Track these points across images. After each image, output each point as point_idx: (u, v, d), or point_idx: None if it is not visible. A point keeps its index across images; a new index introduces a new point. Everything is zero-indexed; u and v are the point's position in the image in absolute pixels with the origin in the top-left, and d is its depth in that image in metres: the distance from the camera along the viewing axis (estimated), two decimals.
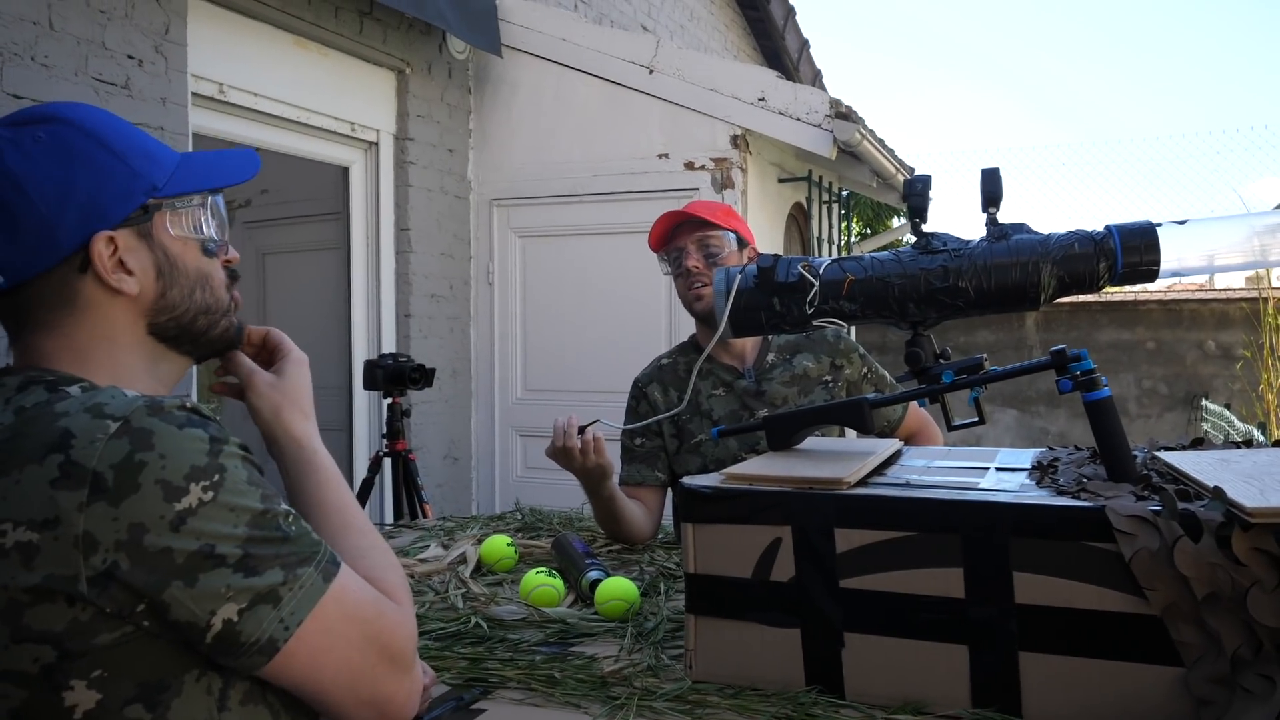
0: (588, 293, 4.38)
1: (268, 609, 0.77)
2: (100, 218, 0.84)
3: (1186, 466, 1.11)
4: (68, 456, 0.73)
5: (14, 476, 0.74)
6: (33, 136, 0.83)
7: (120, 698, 0.75)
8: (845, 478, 1.14)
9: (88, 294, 0.85)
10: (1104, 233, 1.22)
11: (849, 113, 4.01)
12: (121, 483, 0.73)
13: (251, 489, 0.79)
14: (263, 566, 0.77)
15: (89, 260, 0.84)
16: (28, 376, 0.83)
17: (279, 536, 0.79)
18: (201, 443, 0.77)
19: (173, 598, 0.74)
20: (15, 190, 0.81)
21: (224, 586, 0.75)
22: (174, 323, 0.91)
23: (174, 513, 0.74)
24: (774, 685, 1.12)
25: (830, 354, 2.02)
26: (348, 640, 0.81)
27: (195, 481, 0.75)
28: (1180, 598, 0.91)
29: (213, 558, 0.75)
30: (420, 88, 4.14)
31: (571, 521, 2.17)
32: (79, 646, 0.73)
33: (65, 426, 0.75)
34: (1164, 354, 8.06)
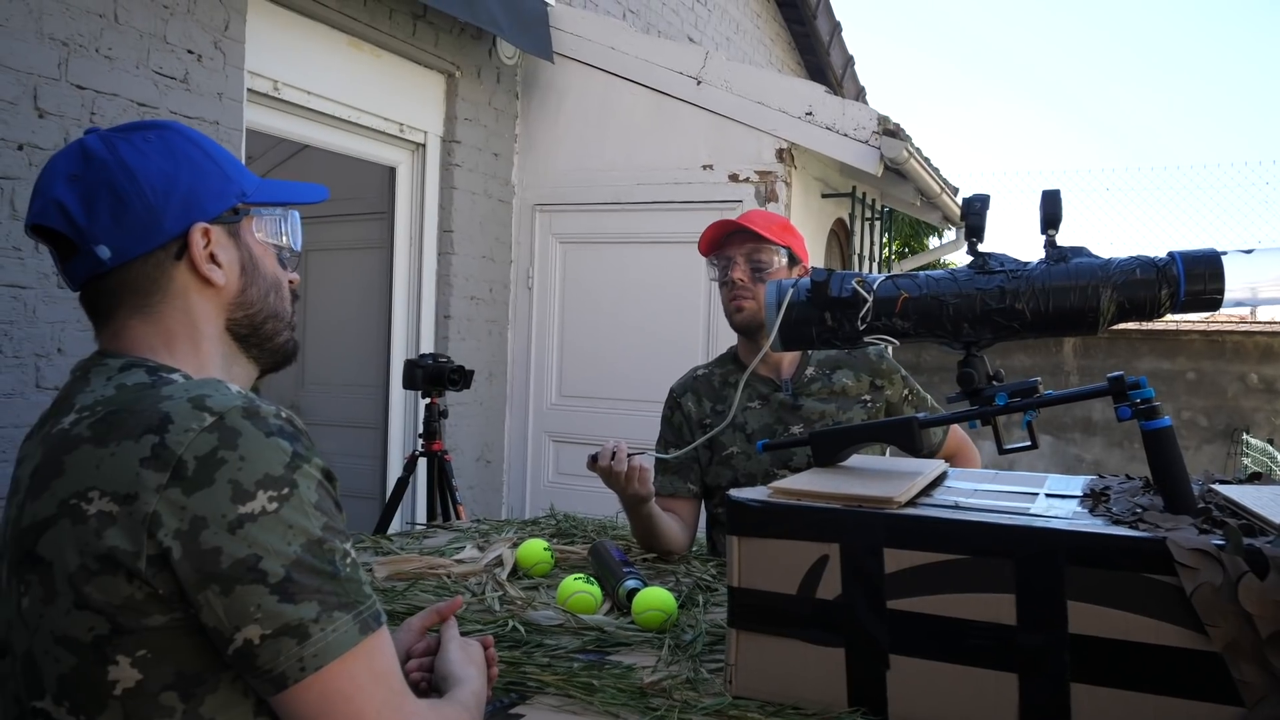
0: (626, 301, 4.38)
1: (290, 643, 0.76)
2: (199, 210, 0.91)
3: (1248, 501, 1.09)
4: (162, 439, 0.77)
5: (111, 449, 0.78)
6: (143, 137, 0.91)
7: (159, 682, 0.77)
8: (896, 497, 1.12)
9: (180, 281, 0.91)
10: (1167, 259, 1.20)
11: (897, 130, 3.99)
12: (199, 474, 0.76)
13: (316, 514, 0.80)
14: (300, 596, 0.77)
15: (186, 247, 0.91)
16: (130, 360, 0.88)
17: (327, 571, 0.79)
18: (283, 454, 0.79)
19: (206, 600, 0.76)
20: (129, 178, 0.88)
21: (254, 606, 0.75)
22: (248, 320, 0.96)
23: (236, 514, 0.76)
24: (816, 705, 1.11)
25: (871, 373, 2.00)
26: (368, 698, 0.79)
27: (264, 489, 0.77)
28: (1243, 635, 0.89)
29: (254, 571, 0.75)
30: (469, 91, 4.18)
31: (606, 529, 2.16)
32: (130, 623, 0.76)
33: (167, 411, 0.79)
34: (1204, 385, 7.93)
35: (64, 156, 0.91)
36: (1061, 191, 1.29)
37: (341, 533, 0.82)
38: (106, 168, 0.88)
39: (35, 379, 2.47)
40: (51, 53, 2.45)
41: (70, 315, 2.52)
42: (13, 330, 2.41)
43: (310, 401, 4.65)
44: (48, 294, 2.48)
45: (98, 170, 0.88)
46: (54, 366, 2.50)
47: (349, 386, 4.47)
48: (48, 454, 0.82)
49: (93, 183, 0.88)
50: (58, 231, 0.89)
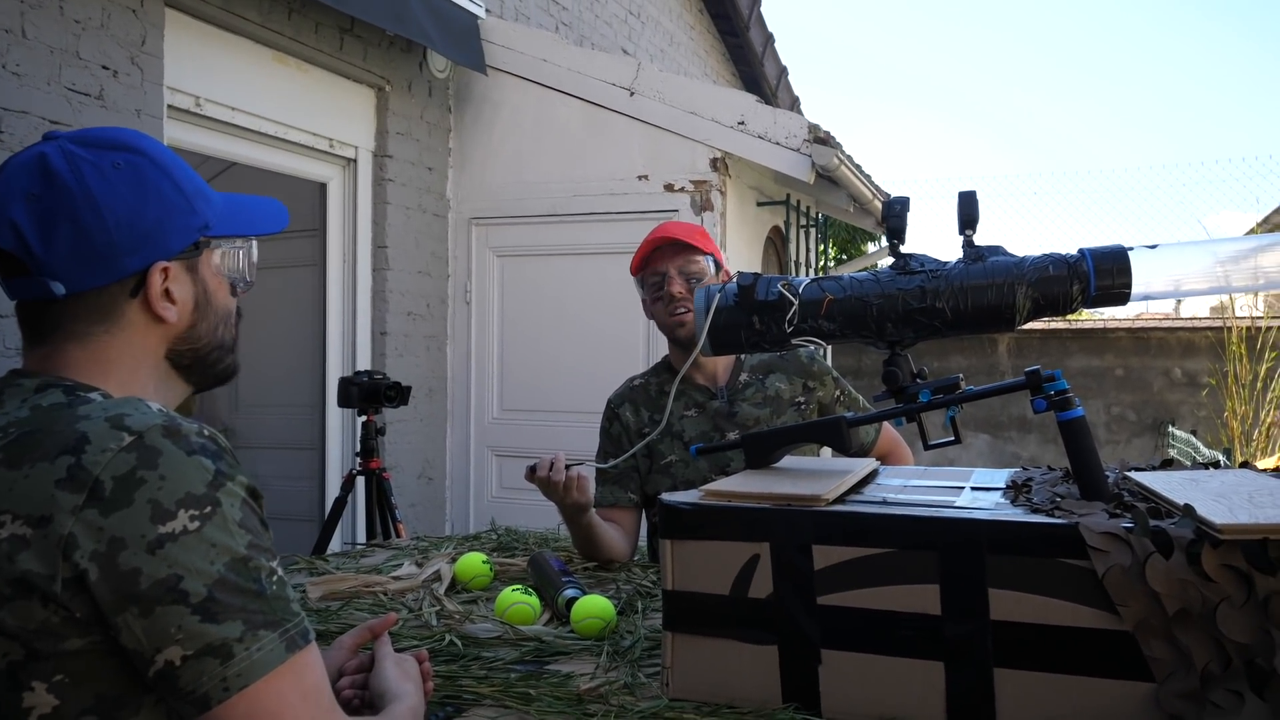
0: (566, 313, 4.38)
1: (214, 663, 0.75)
2: (162, 248, 0.89)
3: (1157, 486, 1.13)
4: (78, 460, 0.76)
5: (24, 470, 0.76)
6: (112, 162, 0.87)
7: (78, 706, 0.76)
8: (823, 494, 1.14)
9: (130, 315, 0.90)
10: (1077, 256, 1.25)
11: (827, 138, 4.06)
12: (117, 495, 0.75)
13: (241, 531, 0.78)
14: (223, 616, 0.75)
15: (142, 285, 0.89)
16: (46, 380, 0.85)
17: (253, 589, 0.77)
18: (205, 472, 0.78)
19: (125, 623, 0.74)
20: (93, 212, 0.85)
21: (175, 627, 0.74)
22: (192, 353, 0.95)
23: (155, 534, 0.75)
24: (751, 703, 1.12)
25: (803, 375, 2.03)
26: (295, 715, 0.77)
27: (185, 509, 0.76)
28: (1152, 613, 0.93)
29: (175, 591, 0.74)
30: (400, 105, 4.15)
31: (548, 541, 2.16)
32: (47, 648, 0.74)
33: (83, 431, 0.77)
34: (1132, 381, 8.17)
35: (22, 170, 0.86)
36: (987, 197, 1.33)
37: (268, 550, 0.81)
38: (70, 196, 0.84)
39: None
40: None
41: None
42: None
43: (245, 424, 4.55)
44: None
45: (59, 195, 0.84)
46: None
47: (284, 407, 4.38)
48: None
49: (53, 208, 0.84)
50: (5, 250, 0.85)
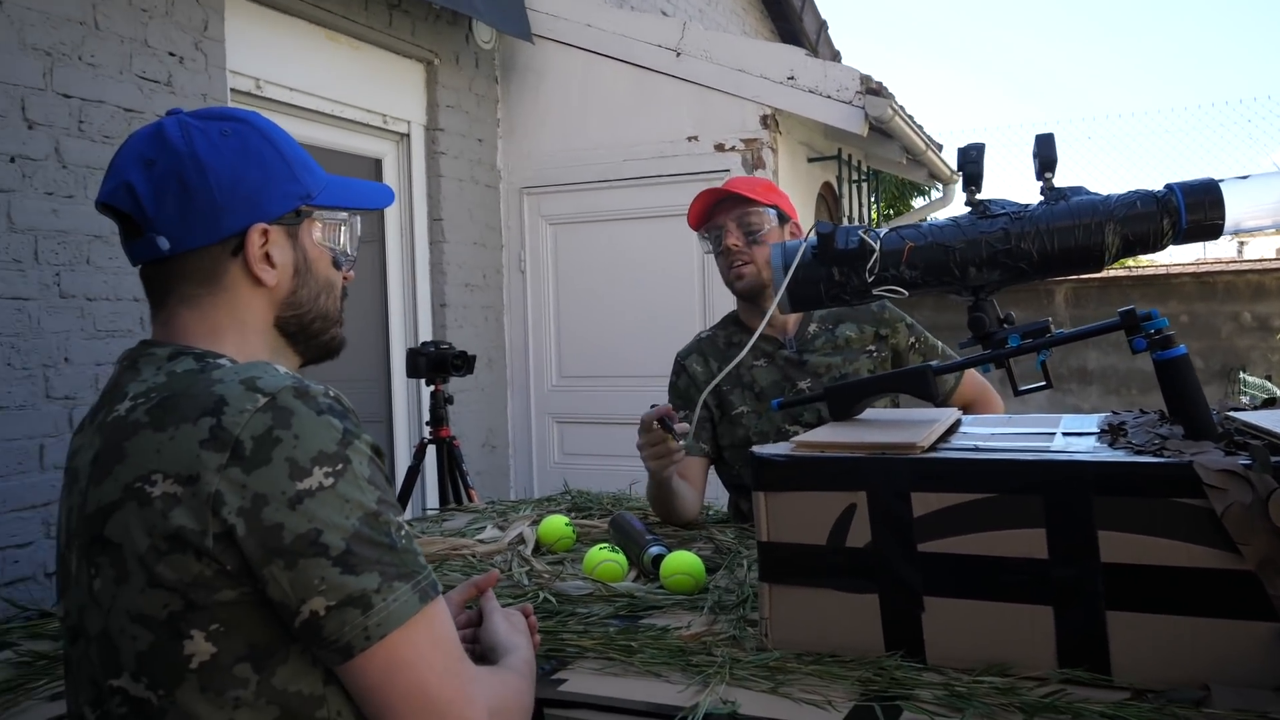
0: (620, 277, 4.38)
1: (355, 613, 0.78)
2: (262, 211, 0.93)
3: (1267, 423, 1.10)
4: (219, 421, 0.79)
5: (169, 433, 0.80)
6: (220, 130, 0.92)
7: (233, 654, 0.79)
8: (918, 442, 1.13)
9: (232, 276, 0.93)
10: (1165, 191, 1.21)
11: (880, 89, 3.98)
12: (257, 454, 0.78)
13: (370, 488, 0.82)
14: (361, 568, 0.79)
15: (242, 246, 0.93)
16: (176, 349, 0.90)
17: (385, 543, 0.81)
18: (335, 431, 0.82)
19: (271, 575, 0.78)
20: (199, 172, 0.90)
21: (319, 578, 0.78)
22: (296, 320, 0.99)
23: (295, 491, 0.78)
24: (853, 651, 1.12)
25: (874, 323, 2.00)
26: (429, 665, 0.81)
27: (320, 466, 0.79)
28: (1275, 551, 0.91)
29: (316, 545, 0.78)
30: (449, 78, 4.15)
31: (621, 502, 2.18)
32: (202, 599, 0.78)
33: (220, 394, 0.81)
34: (1198, 327, 7.95)
35: (142, 138, 0.92)
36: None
37: (394, 506, 0.84)
38: (179, 158, 0.90)
39: (45, 389, 2.47)
40: (36, 63, 2.43)
41: (74, 324, 2.52)
42: (19, 343, 2.41)
43: None
44: (50, 304, 2.47)
45: (170, 159, 0.90)
46: (62, 376, 2.49)
47: (351, 381, 4.45)
48: (107, 441, 0.84)
49: (164, 171, 0.89)
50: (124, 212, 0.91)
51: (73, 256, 2.51)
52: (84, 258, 2.54)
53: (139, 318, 2.67)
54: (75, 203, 2.51)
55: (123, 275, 2.63)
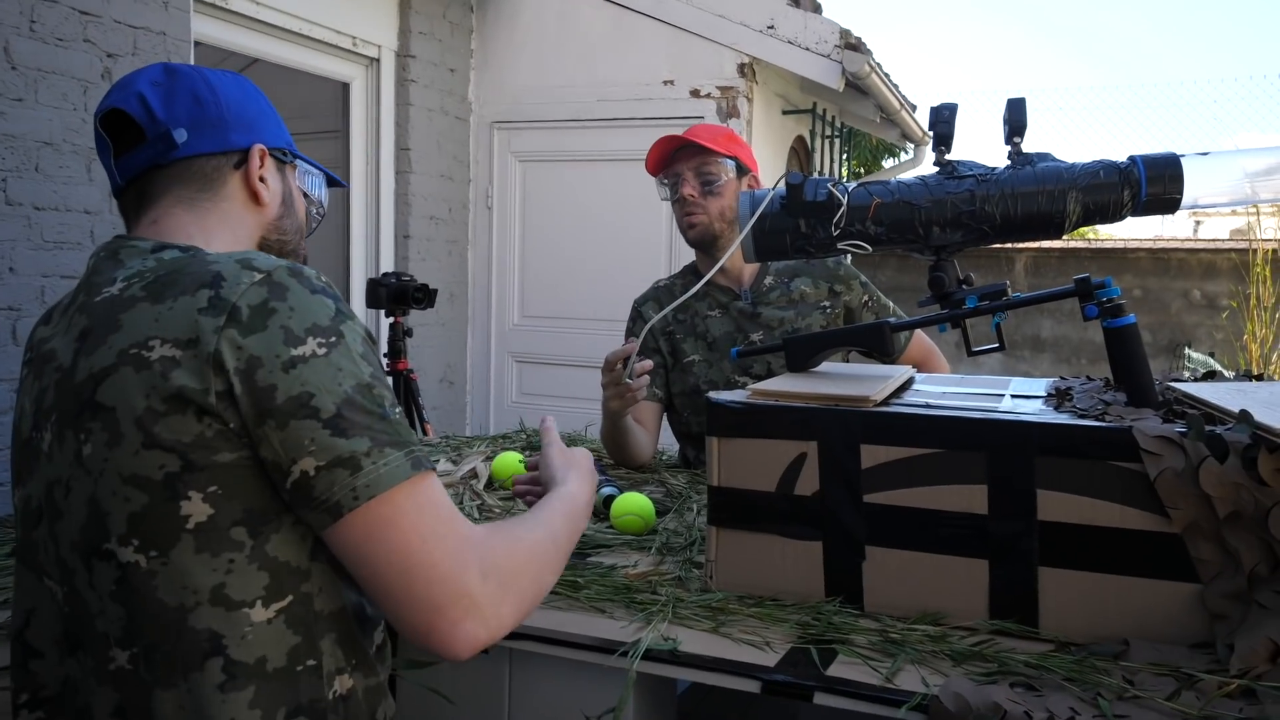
0: (587, 220, 4.34)
1: (344, 474, 0.79)
2: (260, 137, 1.03)
3: (1205, 395, 1.13)
4: (217, 292, 0.82)
5: (168, 304, 0.83)
6: (222, 70, 1.04)
7: (229, 517, 0.81)
8: (872, 395, 1.15)
9: (231, 187, 1.00)
10: (1128, 162, 1.23)
11: (858, 44, 3.95)
12: (253, 319, 0.81)
13: (363, 362, 0.84)
14: (351, 431, 0.80)
15: (245, 160, 1.01)
16: (159, 243, 0.93)
17: (377, 411, 0.82)
18: (328, 308, 0.84)
19: (264, 435, 0.80)
20: (209, 89, 0.99)
21: (309, 439, 0.79)
22: (279, 246, 1.05)
23: (289, 355, 0.80)
24: (793, 596, 1.15)
25: (829, 279, 2.02)
26: (415, 528, 0.81)
27: (313, 336, 0.82)
28: (1202, 516, 0.94)
29: (307, 407, 0.79)
30: (423, 4, 4.04)
31: (576, 442, 2.19)
32: (201, 460, 0.80)
33: (218, 270, 0.84)
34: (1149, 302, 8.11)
35: (146, 70, 1.00)
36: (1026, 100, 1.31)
37: (387, 385, 0.86)
38: (190, 78, 0.98)
39: None
40: None
41: (20, 234, 2.44)
42: None
43: None
44: None
45: (181, 80, 0.98)
46: (5, 286, 2.43)
47: None
48: (98, 317, 0.85)
49: (174, 88, 0.97)
50: (129, 122, 0.96)
51: (20, 163, 2.43)
52: (33, 164, 2.46)
53: (89, 230, 2.61)
54: (25, 106, 2.43)
55: (73, 185, 2.56)
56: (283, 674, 0.84)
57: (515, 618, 0.86)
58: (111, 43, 2.62)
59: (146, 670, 0.82)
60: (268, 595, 0.83)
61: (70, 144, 2.54)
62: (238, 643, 0.82)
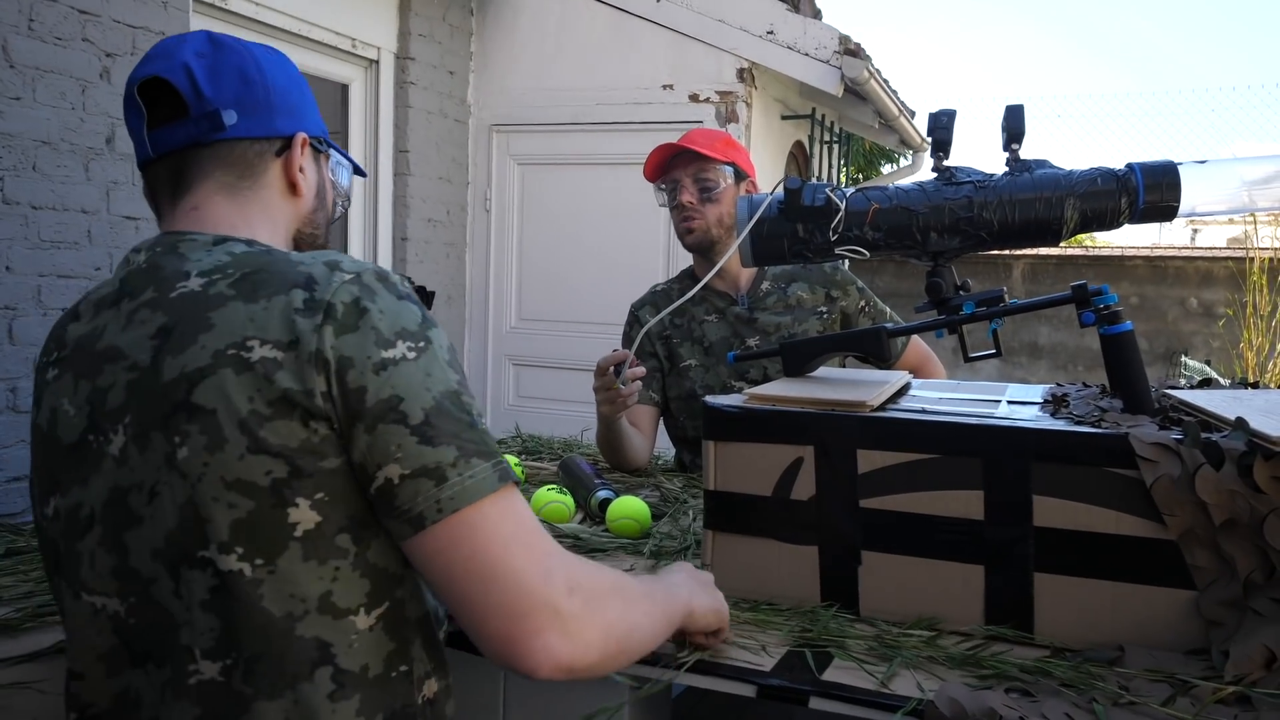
0: (586, 223, 4.35)
1: (429, 484, 0.77)
2: (304, 125, 0.99)
3: (1201, 402, 1.14)
4: (311, 293, 0.80)
5: (261, 303, 0.80)
6: (267, 48, 0.99)
7: (335, 524, 0.80)
8: (868, 401, 1.15)
9: (271, 175, 0.97)
10: (1126, 170, 1.23)
11: (857, 50, 3.96)
12: (347, 319, 0.79)
13: (451, 370, 0.82)
14: (439, 440, 0.78)
15: (287, 148, 0.97)
16: (220, 236, 0.90)
17: (465, 420, 0.80)
18: (414, 314, 0.83)
19: (353, 438, 0.78)
20: (257, 69, 0.94)
21: (395, 445, 0.77)
22: (310, 240, 1.02)
23: (379, 357, 0.79)
24: (789, 600, 1.15)
25: (825, 284, 2.02)
26: (501, 538, 0.78)
27: (403, 340, 0.80)
28: (1198, 523, 0.94)
29: (395, 411, 0.78)
30: (422, 6, 4.05)
31: (572, 447, 2.19)
32: (309, 466, 0.78)
33: (308, 272, 0.82)
34: (1146, 309, 8.13)
35: (189, 38, 0.94)
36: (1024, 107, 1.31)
37: (471, 394, 0.84)
38: (238, 54, 0.93)
39: None
40: None
41: (17, 232, 2.44)
42: None
43: None
44: None
45: (228, 55, 0.93)
46: (2, 285, 2.42)
47: None
48: (183, 314, 0.82)
49: (221, 64, 0.92)
50: (169, 93, 0.91)
51: (18, 161, 2.43)
52: (30, 164, 2.46)
53: (86, 230, 2.60)
54: (22, 105, 2.43)
55: (70, 185, 2.56)
56: (381, 681, 0.83)
57: (602, 646, 0.81)
58: (110, 42, 2.62)
59: (245, 682, 0.79)
60: (369, 602, 0.82)
61: (68, 143, 2.54)
62: (345, 651, 0.81)
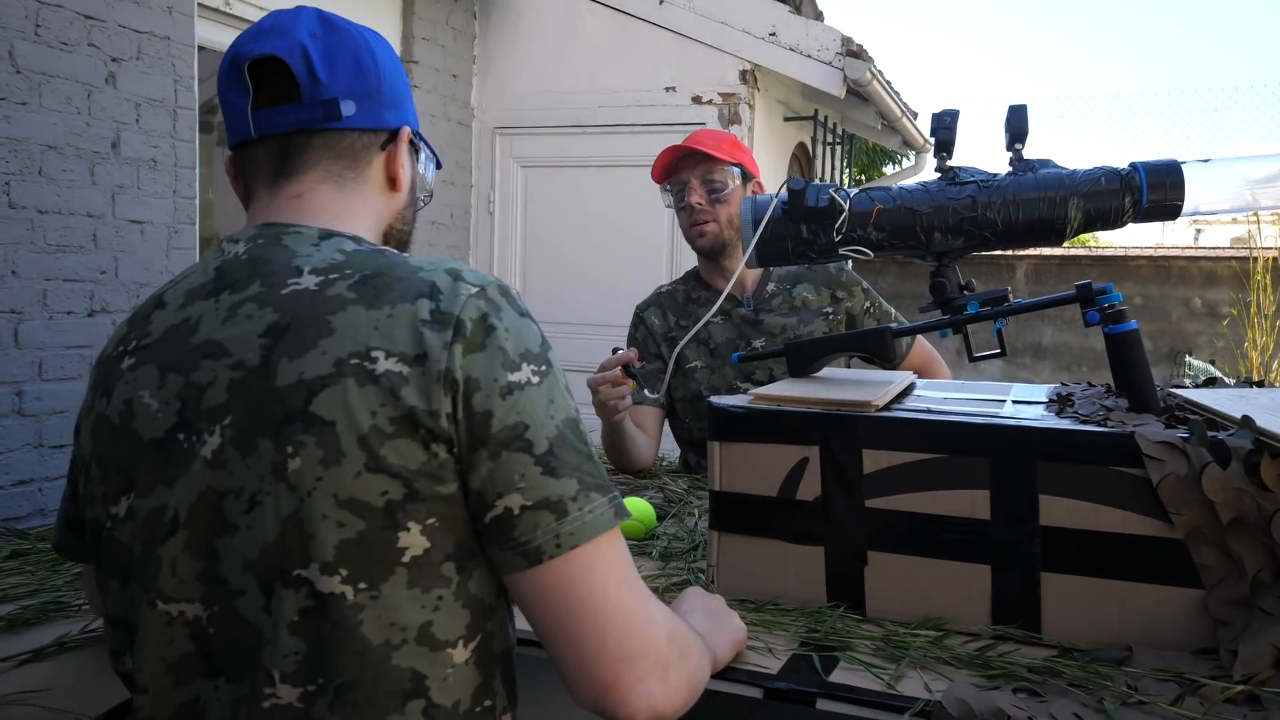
0: (589, 225, 4.35)
1: (549, 517, 0.75)
2: (408, 117, 0.95)
3: (1206, 400, 1.14)
4: (437, 305, 0.77)
5: (386, 311, 0.76)
6: (374, 32, 0.94)
7: (442, 551, 0.76)
8: (873, 400, 1.15)
9: (375, 168, 0.92)
10: (1129, 169, 1.23)
11: (860, 51, 3.96)
12: (475, 337, 0.76)
13: (569, 396, 0.80)
14: (562, 471, 0.75)
15: (393, 140, 0.93)
16: (324, 231, 0.86)
17: (585, 451, 0.78)
18: (536, 334, 0.80)
19: (475, 463, 0.75)
20: (371, 58, 0.90)
21: (519, 474, 0.74)
22: (400, 236, 0.98)
23: (506, 381, 0.76)
24: (795, 601, 1.15)
25: (830, 285, 2.02)
26: (614, 578, 0.77)
27: (527, 363, 0.77)
28: (1205, 522, 0.94)
29: (521, 439, 0.75)
30: (425, 10, 4.06)
31: None
32: (425, 490, 0.74)
33: (432, 280, 0.78)
34: (1150, 309, 8.12)
35: (301, 15, 0.89)
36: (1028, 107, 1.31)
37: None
38: (354, 39, 0.89)
39: None
40: None
41: (23, 236, 2.45)
42: None
43: None
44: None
45: (343, 38, 0.89)
46: (8, 289, 2.43)
47: None
48: (297, 314, 0.78)
49: (336, 47, 0.88)
50: (282, 73, 0.86)
51: (24, 166, 2.44)
52: (36, 168, 2.46)
53: (91, 234, 2.61)
54: (29, 110, 2.43)
55: (76, 189, 2.56)
56: (468, 716, 0.79)
57: (685, 698, 0.80)
58: (115, 47, 2.63)
59: (333, 709, 0.75)
60: (468, 635, 0.78)
61: (74, 147, 2.54)
62: (440, 685, 0.77)
